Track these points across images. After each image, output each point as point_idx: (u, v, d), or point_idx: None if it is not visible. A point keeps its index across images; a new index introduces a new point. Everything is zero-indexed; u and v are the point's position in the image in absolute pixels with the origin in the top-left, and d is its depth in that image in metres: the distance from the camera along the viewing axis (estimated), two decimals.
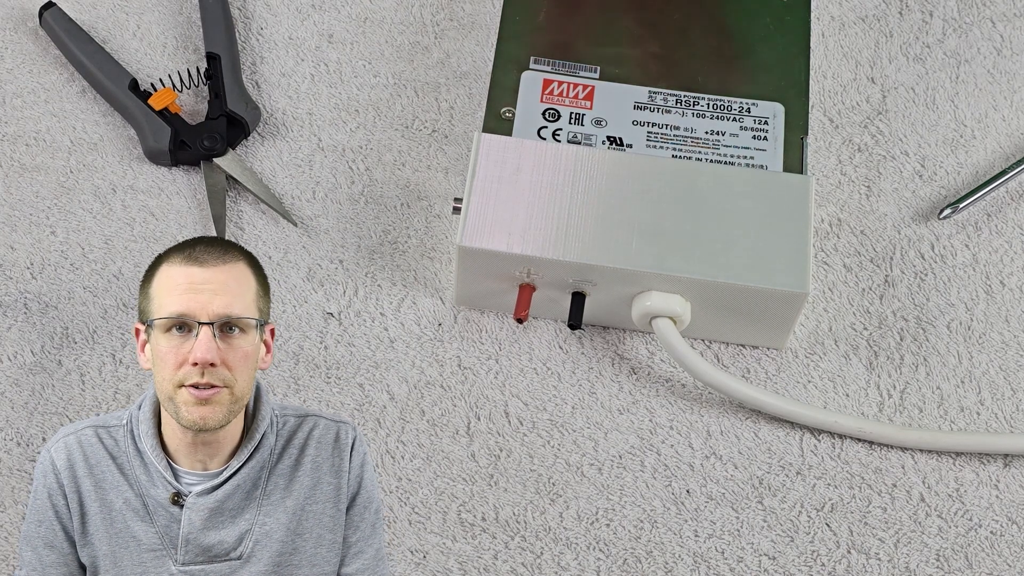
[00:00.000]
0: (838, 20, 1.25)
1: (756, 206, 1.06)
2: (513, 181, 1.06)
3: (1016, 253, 1.14)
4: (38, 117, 1.17)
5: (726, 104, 1.12)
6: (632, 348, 1.09)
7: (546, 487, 1.03)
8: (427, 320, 1.09)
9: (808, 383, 1.08)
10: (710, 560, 1.01)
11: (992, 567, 1.02)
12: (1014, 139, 1.20)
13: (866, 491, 1.04)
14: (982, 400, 1.08)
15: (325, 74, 1.20)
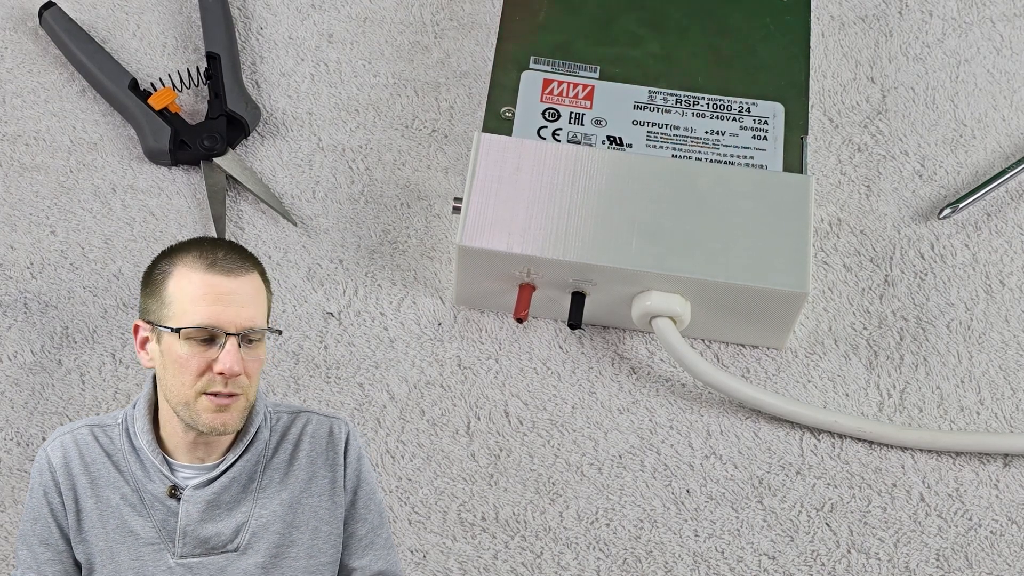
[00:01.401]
0: (838, 20, 1.25)
1: (756, 206, 1.06)
2: (513, 181, 1.06)
3: (1016, 253, 1.14)
4: (38, 117, 1.17)
5: (726, 104, 1.12)
6: (632, 348, 1.09)
7: (546, 487, 1.03)
8: (427, 320, 1.09)
9: (808, 383, 1.08)
10: (710, 560, 1.01)
11: (992, 567, 1.02)
12: (1014, 139, 1.20)
13: (866, 491, 1.04)
14: (982, 400, 1.08)
15: (325, 74, 1.20)
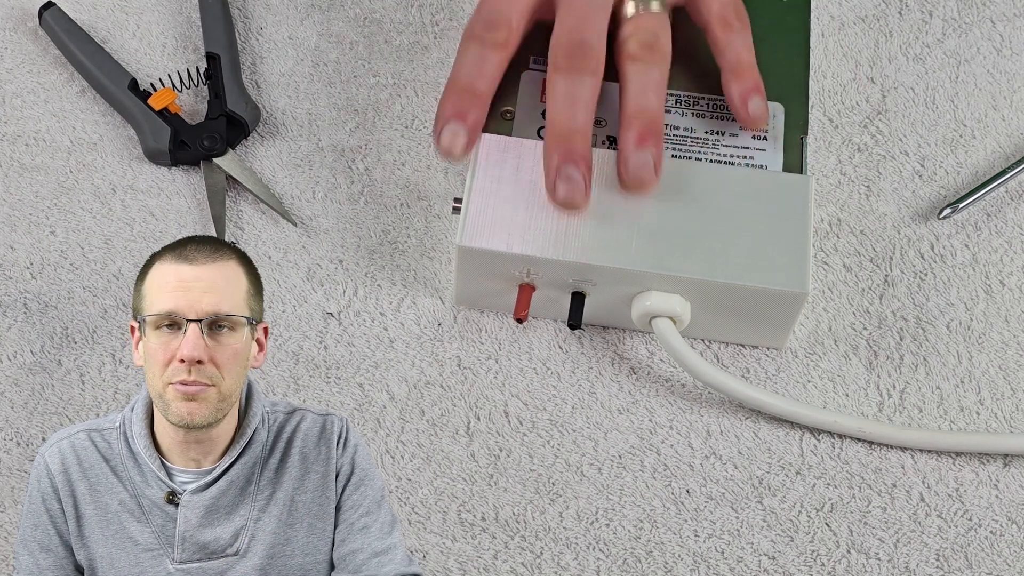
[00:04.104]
0: (838, 20, 1.25)
1: (756, 206, 1.06)
2: (513, 181, 1.06)
3: (1016, 253, 1.14)
4: (38, 117, 1.17)
5: (726, 104, 1.11)
6: (632, 348, 1.09)
7: (546, 487, 1.03)
8: (427, 320, 1.09)
9: (808, 383, 1.08)
10: (710, 560, 1.01)
11: (992, 567, 1.02)
12: (1014, 139, 1.20)
13: (866, 491, 1.04)
14: (982, 400, 1.08)
15: (325, 74, 1.20)
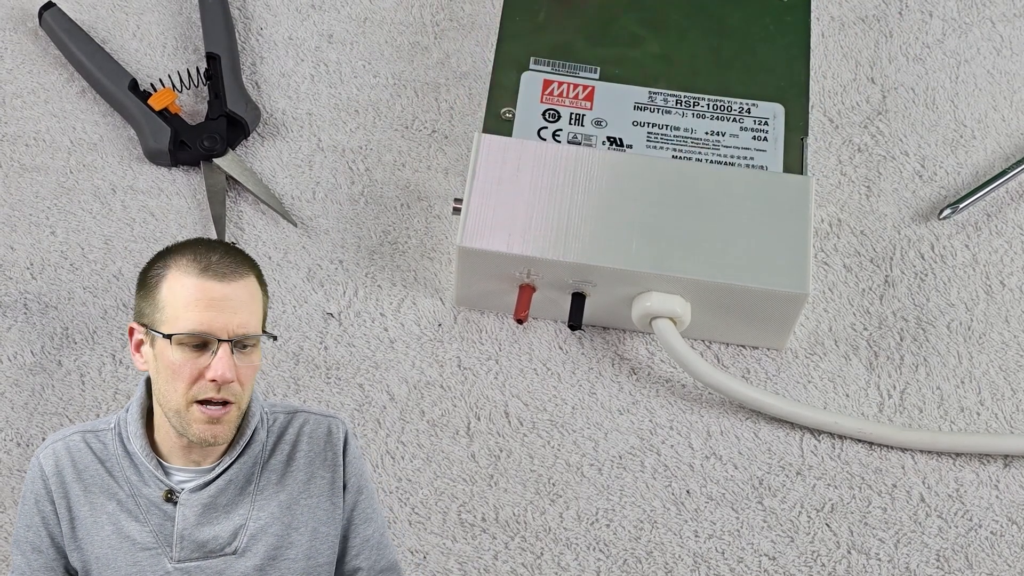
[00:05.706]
0: (838, 20, 1.25)
1: (756, 206, 1.06)
2: (513, 181, 1.06)
3: (1016, 253, 1.14)
4: (38, 117, 1.17)
5: (726, 104, 1.12)
6: (632, 348, 1.09)
7: (546, 487, 1.03)
8: (427, 320, 1.09)
9: (808, 383, 1.08)
10: (710, 560, 1.01)
11: (992, 567, 1.02)
12: (1014, 139, 1.20)
13: (866, 491, 1.04)
14: (982, 400, 1.08)
15: (325, 74, 1.20)
